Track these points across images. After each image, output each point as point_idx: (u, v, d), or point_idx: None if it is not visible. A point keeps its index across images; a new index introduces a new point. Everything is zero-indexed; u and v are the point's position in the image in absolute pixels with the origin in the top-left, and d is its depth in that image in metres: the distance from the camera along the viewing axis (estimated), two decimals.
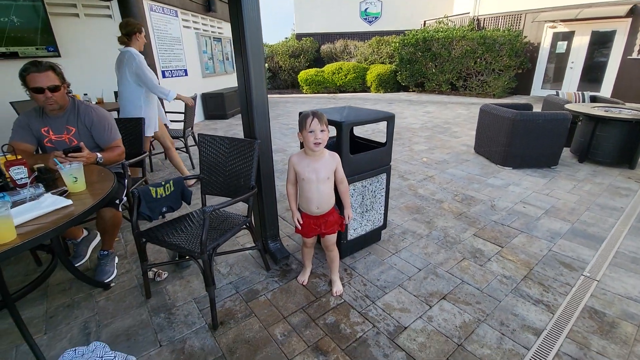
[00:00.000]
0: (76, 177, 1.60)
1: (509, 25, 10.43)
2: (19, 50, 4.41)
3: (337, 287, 2.02)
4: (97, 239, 2.59)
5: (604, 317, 1.80)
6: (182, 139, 4.25)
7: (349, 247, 2.36)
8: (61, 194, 1.55)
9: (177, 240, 1.79)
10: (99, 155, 2.06)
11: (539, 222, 2.83)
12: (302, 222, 1.88)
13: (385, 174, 2.33)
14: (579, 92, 5.41)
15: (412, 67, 11.35)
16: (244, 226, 2.03)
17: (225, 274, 2.23)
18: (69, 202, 1.46)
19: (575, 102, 5.13)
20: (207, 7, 7.87)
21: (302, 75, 12.78)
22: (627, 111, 4.06)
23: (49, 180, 1.70)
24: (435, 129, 6.39)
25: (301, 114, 1.74)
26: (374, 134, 5.98)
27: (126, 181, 2.36)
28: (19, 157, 1.64)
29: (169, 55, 6.46)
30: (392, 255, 2.40)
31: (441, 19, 11.91)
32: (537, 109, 4.49)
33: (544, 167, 4.10)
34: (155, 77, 3.22)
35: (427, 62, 10.95)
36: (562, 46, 9.73)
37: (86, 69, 5.00)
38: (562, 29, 9.57)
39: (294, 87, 14.17)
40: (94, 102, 4.41)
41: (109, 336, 1.73)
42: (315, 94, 12.62)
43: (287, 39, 15.70)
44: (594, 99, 5.31)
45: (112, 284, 2.13)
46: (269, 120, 2.14)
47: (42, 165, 1.72)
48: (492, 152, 4.32)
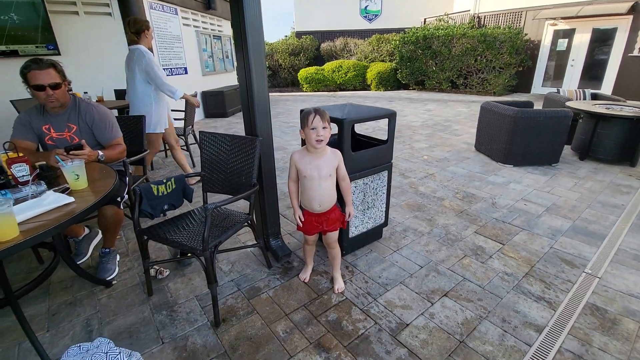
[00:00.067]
0: (78, 175, 1.60)
1: (510, 22, 10.40)
2: (19, 48, 4.40)
3: (339, 285, 2.02)
4: (99, 236, 2.59)
5: (606, 314, 1.81)
6: (183, 137, 4.24)
7: (350, 244, 2.36)
8: (63, 192, 1.55)
9: (179, 237, 1.79)
10: (101, 153, 2.06)
11: (540, 219, 2.83)
12: (303, 219, 1.88)
13: (386, 171, 2.33)
14: (580, 89, 5.40)
15: (413, 65, 11.33)
16: (246, 224, 2.03)
17: (226, 271, 2.23)
18: (71, 199, 1.46)
19: (576, 100, 5.12)
20: (207, 5, 7.85)
21: (302, 73, 12.76)
22: (629, 108, 4.05)
23: (51, 177, 1.70)
24: (435, 126, 6.39)
25: (303, 111, 1.74)
26: (374, 132, 5.97)
27: (127, 179, 2.36)
28: (21, 154, 1.64)
29: (169, 53, 6.44)
30: (393, 252, 2.40)
31: (441, 17, 11.89)
32: (538, 106, 4.47)
33: (545, 164, 4.10)
34: (164, 75, 3.23)
35: (428, 60, 10.93)
36: (562, 44, 9.71)
37: (86, 67, 4.99)
38: (562, 26, 9.55)
39: (293, 85, 14.14)
40: (94, 101, 4.40)
41: (111, 333, 1.74)
42: (315, 92, 12.60)
43: (286, 37, 15.66)
44: (595, 97, 5.30)
45: (113, 282, 2.14)
46: (270, 117, 2.14)
47: (44, 162, 1.72)
48: (493, 149, 4.32)
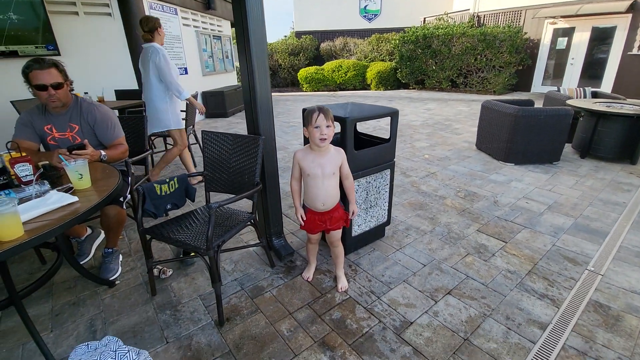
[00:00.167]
0: (81, 174, 1.60)
1: (509, 21, 10.40)
2: (19, 48, 4.39)
3: (342, 283, 2.02)
4: (101, 236, 2.59)
5: (609, 311, 1.81)
6: None
7: (353, 243, 2.36)
8: (66, 191, 1.55)
9: (182, 237, 1.79)
10: (103, 152, 2.06)
11: (542, 217, 2.83)
12: (305, 218, 1.88)
13: (389, 169, 2.33)
14: (580, 88, 5.40)
15: (412, 64, 11.32)
16: (249, 223, 2.03)
17: (230, 270, 2.23)
18: (75, 198, 1.46)
19: (576, 98, 5.12)
20: (207, 5, 7.84)
21: (302, 73, 12.76)
22: (629, 106, 4.06)
23: (54, 177, 1.70)
24: (436, 125, 6.39)
25: (306, 109, 1.74)
26: (375, 131, 5.97)
27: (129, 179, 2.36)
28: (24, 154, 1.64)
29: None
30: (396, 251, 2.40)
31: (441, 16, 11.89)
32: (538, 105, 4.47)
33: (546, 163, 4.10)
34: (176, 74, 3.26)
35: (427, 59, 10.93)
36: (562, 42, 9.71)
37: (86, 68, 4.99)
38: (562, 25, 9.55)
39: (293, 85, 14.14)
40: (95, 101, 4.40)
41: (115, 333, 1.73)
42: (315, 92, 12.59)
43: (286, 37, 15.66)
44: (595, 95, 5.31)
45: (117, 282, 2.13)
46: (272, 117, 2.14)
47: (47, 162, 1.72)
48: (494, 148, 4.32)
